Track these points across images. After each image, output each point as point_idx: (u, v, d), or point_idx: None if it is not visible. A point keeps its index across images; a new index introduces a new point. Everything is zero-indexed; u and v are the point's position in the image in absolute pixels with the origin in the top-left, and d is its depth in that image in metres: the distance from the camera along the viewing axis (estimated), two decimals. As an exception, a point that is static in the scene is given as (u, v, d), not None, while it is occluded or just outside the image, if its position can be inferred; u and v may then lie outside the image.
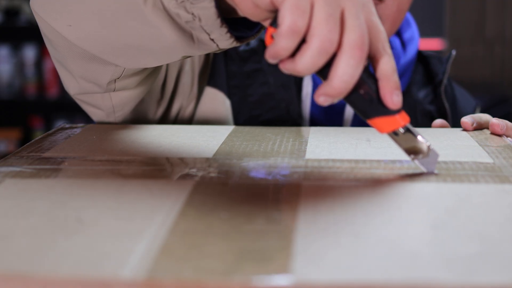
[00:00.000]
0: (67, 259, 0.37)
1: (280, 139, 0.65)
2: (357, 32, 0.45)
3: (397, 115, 0.49)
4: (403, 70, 0.94)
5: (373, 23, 0.47)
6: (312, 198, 0.47)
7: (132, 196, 0.47)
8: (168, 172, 0.54)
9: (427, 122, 0.95)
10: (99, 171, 0.54)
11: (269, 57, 0.46)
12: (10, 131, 3.12)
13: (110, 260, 0.37)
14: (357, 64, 0.45)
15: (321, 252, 0.38)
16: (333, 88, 0.45)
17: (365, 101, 0.48)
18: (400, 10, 0.87)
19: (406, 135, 0.51)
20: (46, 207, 0.45)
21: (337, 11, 0.45)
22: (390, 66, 0.48)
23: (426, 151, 0.52)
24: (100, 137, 0.67)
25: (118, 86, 0.70)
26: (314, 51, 0.44)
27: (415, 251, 0.38)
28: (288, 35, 0.44)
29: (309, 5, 0.44)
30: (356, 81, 0.45)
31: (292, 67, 0.45)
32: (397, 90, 0.48)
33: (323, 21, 0.44)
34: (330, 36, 0.44)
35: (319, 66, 0.45)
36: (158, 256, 0.37)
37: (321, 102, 0.46)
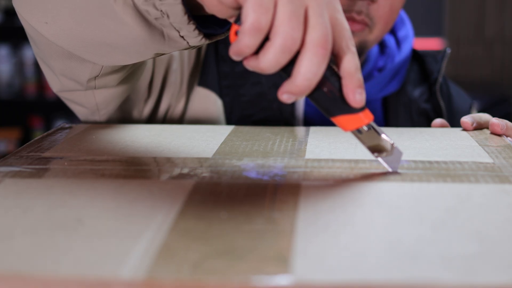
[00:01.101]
0: (66, 259, 0.37)
1: (280, 139, 0.65)
2: (321, 30, 0.45)
3: (360, 113, 0.49)
4: (398, 68, 0.94)
5: (338, 21, 0.48)
6: (312, 198, 0.47)
7: (132, 196, 0.47)
8: (168, 173, 0.54)
9: (422, 121, 0.95)
10: (99, 171, 0.54)
11: (233, 54, 0.46)
12: (10, 131, 3.12)
13: (110, 260, 0.37)
14: (320, 62, 0.45)
15: (321, 252, 0.38)
16: (296, 85, 0.46)
17: (328, 99, 0.48)
18: (393, 10, 0.88)
19: (370, 133, 0.51)
20: (46, 207, 0.45)
21: (301, 9, 0.45)
22: (354, 64, 0.48)
23: (390, 149, 0.52)
24: (99, 137, 0.67)
25: (98, 83, 0.71)
26: (277, 49, 0.44)
27: (415, 251, 0.38)
28: (250, 32, 0.44)
29: (273, 3, 0.44)
30: (319, 79, 0.46)
31: (255, 65, 0.46)
32: (360, 88, 0.48)
33: (286, 19, 0.44)
34: (292, 34, 0.44)
35: (283, 64, 0.45)
36: (158, 256, 0.37)
37: (285, 100, 0.47)
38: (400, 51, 0.96)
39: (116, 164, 0.56)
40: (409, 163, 0.56)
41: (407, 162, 0.56)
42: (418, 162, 0.56)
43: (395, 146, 0.52)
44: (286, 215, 0.43)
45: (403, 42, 0.97)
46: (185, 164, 0.56)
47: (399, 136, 0.68)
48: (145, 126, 0.74)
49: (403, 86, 0.95)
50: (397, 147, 0.53)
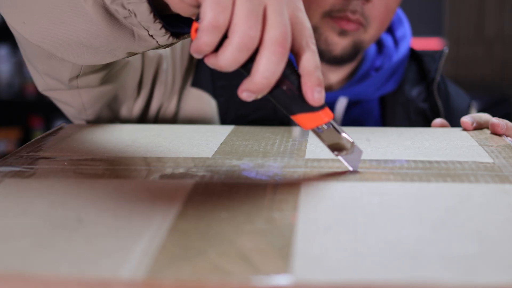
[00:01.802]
0: (66, 259, 0.37)
1: (280, 139, 0.65)
2: (279, 29, 0.45)
3: (320, 112, 0.49)
4: (395, 68, 0.94)
5: (298, 19, 0.48)
6: (312, 198, 0.47)
7: (132, 196, 0.47)
8: (168, 173, 0.54)
9: (420, 121, 0.95)
10: (99, 170, 0.54)
11: (193, 52, 0.46)
12: (10, 131, 3.12)
13: (110, 260, 0.37)
14: (279, 60, 0.45)
15: (321, 252, 0.38)
16: (254, 84, 0.46)
17: (288, 97, 0.48)
18: (388, 9, 0.88)
19: (329, 132, 0.51)
20: (45, 207, 0.45)
21: (259, 7, 0.45)
22: (313, 62, 0.48)
23: (350, 148, 0.53)
24: (99, 137, 0.67)
25: (81, 83, 0.71)
26: (234, 47, 0.45)
27: (415, 251, 0.38)
28: (209, 30, 0.44)
29: (231, 1, 0.45)
30: (278, 77, 0.46)
31: (215, 62, 0.46)
32: (318, 86, 0.48)
33: (243, 17, 0.44)
34: (250, 32, 0.44)
35: (241, 62, 0.45)
36: (158, 256, 0.37)
37: (244, 98, 0.47)
38: (397, 50, 0.96)
39: (115, 164, 0.56)
40: (409, 163, 0.56)
41: (407, 162, 0.56)
42: (418, 162, 0.56)
43: (355, 144, 0.53)
44: (286, 215, 0.43)
45: (400, 41, 0.97)
46: (185, 164, 0.56)
47: (399, 136, 0.68)
48: (145, 126, 0.74)
49: (401, 85, 0.95)
50: (357, 146, 0.53)
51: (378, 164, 0.56)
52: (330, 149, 0.53)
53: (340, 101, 0.92)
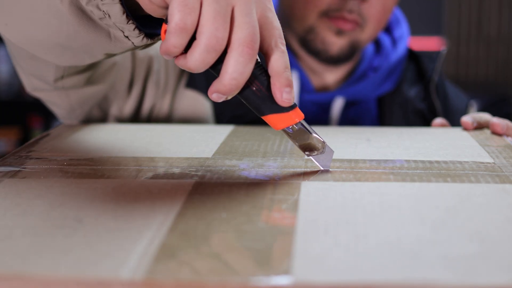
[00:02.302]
0: (66, 259, 0.37)
1: (280, 139, 0.65)
2: (247, 30, 0.45)
3: (290, 112, 0.49)
4: (393, 68, 0.94)
5: (268, 19, 0.48)
6: (312, 198, 0.47)
7: (131, 196, 0.47)
8: (168, 172, 0.53)
9: (418, 121, 0.95)
10: (99, 170, 0.54)
11: (162, 54, 0.46)
12: (9, 131, 3.11)
13: (109, 260, 0.37)
14: (247, 61, 0.45)
15: (321, 252, 0.38)
16: (223, 85, 0.46)
17: (258, 98, 0.48)
18: (385, 9, 0.88)
19: (300, 132, 0.52)
20: (45, 207, 0.45)
21: (227, 8, 0.45)
22: (282, 63, 0.48)
23: (321, 148, 0.53)
24: (98, 137, 0.67)
25: (66, 84, 0.71)
26: (202, 48, 0.45)
27: (415, 251, 0.38)
28: (176, 32, 0.44)
29: (198, 3, 0.45)
30: (246, 78, 0.46)
31: (184, 64, 0.46)
32: (287, 87, 0.48)
33: (210, 19, 0.44)
34: (217, 33, 0.44)
35: (210, 63, 0.46)
36: (157, 256, 0.37)
37: (215, 99, 0.47)
38: (395, 50, 0.96)
39: (115, 164, 0.56)
40: (409, 163, 0.56)
41: (407, 162, 0.56)
42: (418, 162, 0.56)
43: (326, 144, 0.53)
44: (286, 215, 0.43)
45: (398, 41, 0.97)
46: (185, 164, 0.56)
47: (399, 136, 0.68)
48: (145, 126, 0.74)
49: (399, 85, 0.95)
50: (328, 146, 0.53)
51: (378, 164, 0.56)
52: (301, 149, 0.53)
53: (337, 101, 0.92)
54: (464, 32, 3.31)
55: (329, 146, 0.53)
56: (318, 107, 0.92)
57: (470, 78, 3.31)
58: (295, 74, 0.91)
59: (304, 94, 0.91)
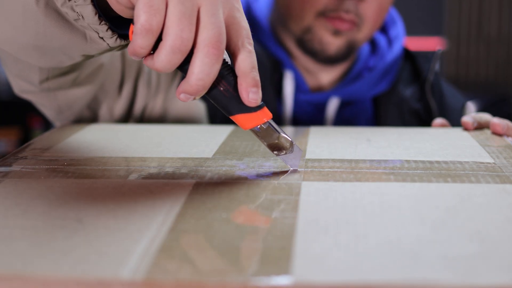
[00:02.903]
0: (66, 259, 0.37)
1: (280, 139, 0.65)
2: (212, 30, 0.45)
3: (258, 112, 0.50)
4: (389, 68, 0.94)
5: (235, 19, 0.48)
6: (312, 198, 0.47)
7: (132, 196, 0.47)
8: (168, 172, 0.54)
9: (414, 121, 0.95)
10: (98, 171, 0.54)
11: (130, 54, 0.46)
12: (10, 131, 3.11)
13: (110, 260, 0.37)
14: (213, 62, 0.45)
15: (321, 252, 0.38)
16: (190, 85, 0.46)
17: (225, 98, 0.49)
18: (381, 8, 0.88)
19: (269, 131, 0.52)
20: (45, 207, 0.45)
21: (192, 9, 0.45)
22: (248, 63, 0.48)
23: (290, 147, 0.53)
24: (98, 137, 0.67)
25: (52, 85, 0.71)
26: (167, 49, 0.45)
27: (415, 251, 0.38)
28: (142, 33, 0.45)
29: (164, 4, 0.45)
30: (213, 78, 0.46)
31: (151, 64, 0.46)
32: (254, 87, 0.48)
33: (176, 20, 0.44)
34: (182, 34, 0.45)
35: (176, 64, 0.46)
36: (158, 256, 0.37)
37: (182, 99, 0.47)
38: (391, 50, 0.96)
39: (115, 164, 0.56)
40: (409, 163, 0.56)
41: (407, 162, 0.56)
42: (419, 162, 0.56)
43: (294, 144, 0.53)
44: (286, 215, 0.43)
45: (394, 41, 0.97)
46: (185, 164, 0.56)
47: (399, 136, 0.68)
48: (144, 126, 0.74)
49: (395, 85, 0.95)
50: (296, 145, 0.53)
51: (378, 164, 0.56)
52: (270, 149, 0.53)
53: (332, 102, 0.92)
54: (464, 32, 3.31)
55: (297, 145, 0.54)
56: (313, 107, 0.92)
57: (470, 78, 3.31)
58: (290, 74, 0.91)
59: (299, 94, 0.91)
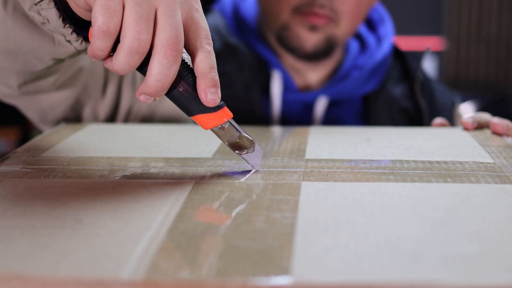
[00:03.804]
0: (66, 259, 0.37)
1: (279, 139, 0.65)
2: (170, 32, 0.45)
3: (218, 112, 0.50)
4: (378, 66, 0.94)
5: (194, 20, 0.48)
6: (312, 198, 0.47)
7: (132, 196, 0.47)
8: (168, 173, 0.54)
9: (404, 119, 0.95)
10: (98, 171, 0.54)
11: (90, 57, 0.47)
12: (9, 131, 3.11)
13: (110, 260, 0.37)
14: (171, 63, 0.46)
15: (321, 252, 0.38)
16: (149, 87, 0.46)
17: (185, 98, 0.49)
18: (359, 4, 0.88)
19: (229, 131, 0.52)
20: (45, 207, 0.45)
21: (149, 11, 0.45)
22: (206, 63, 0.48)
23: (251, 147, 0.53)
24: (99, 137, 0.67)
25: (31, 89, 0.72)
26: (125, 51, 0.45)
27: (415, 251, 0.38)
28: (100, 36, 0.45)
29: (121, 6, 0.45)
30: (171, 79, 0.46)
31: (111, 66, 0.47)
32: (212, 87, 0.48)
33: (132, 22, 0.45)
34: (139, 36, 0.45)
35: (135, 66, 0.46)
36: (158, 256, 0.37)
37: (142, 100, 0.47)
38: (379, 49, 0.96)
39: (115, 164, 0.56)
40: (409, 163, 0.56)
41: (407, 162, 0.56)
42: (419, 162, 0.56)
43: (255, 143, 0.53)
44: (286, 215, 0.43)
45: (383, 39, 0.97)
46: (184, 164, 0.56)
47: (399, 136, 0.68)
48: (144, 126, 0.74)
49: (384, 84, 0.95)
50: (257, 144, 0.54)
51: (378, 164, 0.56)
52: (231, 148, 0.54)
53: (320, 101, 0.91)
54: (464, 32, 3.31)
55: (258, 145, 0.54)
56: (302, 106, 0.92)
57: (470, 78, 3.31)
58: (277, 74, 0.91)
59: (287, 94, 0.91)
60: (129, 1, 0.45)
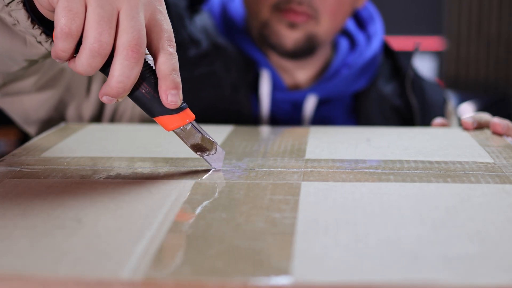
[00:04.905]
0: (66, 259, 0.37)
1: (280, 139, 0.65)
2: (131, 33, 0.46)
3: (180, 113, 0.50)
4: (367, 64, 0.94)
5: (157, 22, 0.48)
6: (312, 198, 0.47)
7: (132, 196, 0.47)
8: (167, 172, 0.54)
9: (395, 117, 0.95)
10: (98, 171, 0.54)
11: (54, 58, 0.47)
12: (9, 131, 3.11)
13: (110, 260, 0.37)
14: (132, 65, 0.46)
15: (321, 252, 0.38)
16: (111, 88, 0.47)
17: (147, 99, 0.49)
18: (340, 2, 0.87)
19: (191, 133, 0.52)
20: (45, 207, 0.45)
21: (112, 12, 0.45)
22: (168, 65, 0.48)
23: (212, 148, 0.54)
24: (98, 137, 0.67)
25: (11, 90, 0.72)
26: (87, 53, 0.45)
27: (415, 251, 0.38)
28: (62, 37, 0.45)
29: (83, 7, 0.45)
30: (133, 81, 0.47)
31: (74, 67, 0.47)
32: (173, 89, 0.48)
33: (94, 24, 0.45)
34: (100, 38, 0.45)
35: (97, 67, 0.46)
36: (157, 256, 0.37)
37: (105, 101, 0.48)
38: (369, 47, 0.96)
39: (115, 164, 0.56)
40: (409, 163, 0.56)
41: (407, 162, 0.56)
42: (419, 162, 0.56)
43: (217, 145, 0.54)
44: (286, 215, 0.43)
45: (372, 38, 0.97)
46: (184, 164, 0.56)
47: (399, 136, 0.68)
48: (144, 126, 0.74)
49: (375, 82, 0.95)
50: (219, 146, 0.54)
51: (378, 164, 0.56)
52: (193, 150, 0.54)
53: (309, 100, 0.91)
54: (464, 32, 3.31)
55: (220, 146, 0.54)
56: (291, 105, 0.92)
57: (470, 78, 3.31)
58: (266, 73, 0.90)
59: (276, 93, 0.91)
60: (91, 2, 0.45)
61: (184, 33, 0.89)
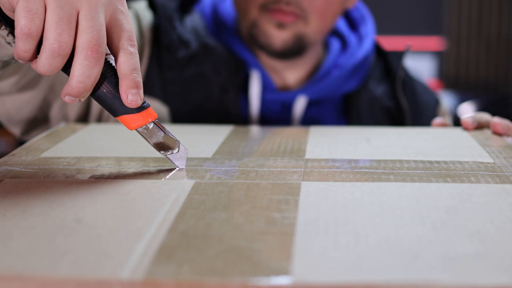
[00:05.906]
0: (66, 259, 0.37)
1: (279, 139, 0.65)
2: (91, 34, 0.46)
3: (142, 112, 0.51)
4: (358, 65, 0.94)
5: (117, 22, 0.49)
6: (312, 198, 0.47)
7: (132, 196, 0.47)
8: (168, 172, 0.54)
9: (386, 119, 0.95)
10: (98, 171, 0.54)
11: (16, 58, 0.47)
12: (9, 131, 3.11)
13: (109, 261, 0.37)
14: (92, 65, 0.46)
15: (321, 252, 0.38)
16: (72, 88, 0.47)
17: (109, 99, 0.50)
18: (329, 2, 0.87)
19: (154, 132, 0.53)
20: (45, 207, 0.45)
21: (71, 13, 0.46)
22: (128, 65, 0.48)
23: (175, 147, 0.54)
24: (99, 137, 0.67)
25: None
26: (47, 53, 0.46)
27: (415, 251, 0.38)
28: (22, 38, 0.45)
29: (42, 8, 0.45)
30: (94, 80, 0.47)
31: (36, 68, 0.47)
32: (133, 89, 0.49)
33: (54, 24, 0.45)
34: (60, 38, 0.45)
35: (58, 67, 0.46)
36: (157, 256, 0.37)
37: (67, 101, 0.48)
38: (360, 48, 0.96)
39: (115, 164, 0.56)
40: (409, 163, 0.56)
41: (407, 162, 0.56)
42: (419, 162, 0.56)
43: (180, 144, 0.54)
44: (286, 215, 0.43)
45: (364, 39, 0.97)
46: (185, 164, 0.56)
47: (399, 136, 0.68)
48: (145, 126, 0.74)
49: (366, 83, 0.95)
50: (182, 145, 0.54)
51: (378, 164, 0.56)
52: (156, 148, 0.54)
53: (299, 100, 0.91)
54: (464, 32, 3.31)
55: (183, 145, 0.54)
56: (281, 106, 0.92)
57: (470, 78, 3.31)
58: (256, 74, 0.90)
59: (266, 93, 0.91)
60: (50, 3, 0.45)
61: (173, 35, 0.89)
